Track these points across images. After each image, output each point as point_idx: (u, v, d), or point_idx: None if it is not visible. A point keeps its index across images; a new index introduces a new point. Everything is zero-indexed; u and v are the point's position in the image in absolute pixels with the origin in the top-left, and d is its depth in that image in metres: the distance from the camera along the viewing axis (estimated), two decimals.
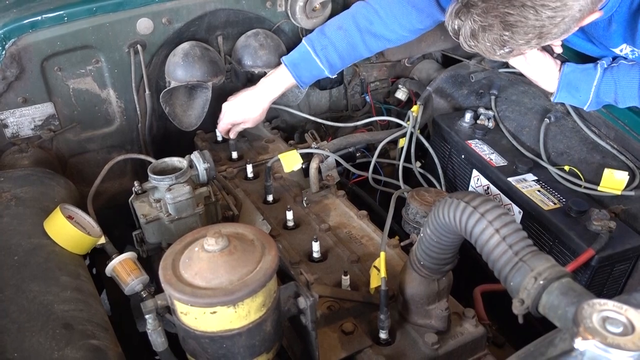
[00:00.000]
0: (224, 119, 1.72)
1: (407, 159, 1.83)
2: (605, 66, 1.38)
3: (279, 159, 1.58)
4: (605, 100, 1.41)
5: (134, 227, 1.41)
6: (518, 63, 1.51)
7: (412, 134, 1.80)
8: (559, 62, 1.45)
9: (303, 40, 1.61)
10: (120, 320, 1.40)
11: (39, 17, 1.55)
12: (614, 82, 1.37)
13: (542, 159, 1.60)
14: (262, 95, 1.65)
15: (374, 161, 1.81)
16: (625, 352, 0.57)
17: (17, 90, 1.61)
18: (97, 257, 1.58)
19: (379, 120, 2.12)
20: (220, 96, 1.81)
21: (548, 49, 1.46)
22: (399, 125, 1.86)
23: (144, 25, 1.69)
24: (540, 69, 1.46)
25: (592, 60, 1.44)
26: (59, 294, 1.08)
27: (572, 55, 1.57)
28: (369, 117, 2.11)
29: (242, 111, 1.67)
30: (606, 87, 1.38)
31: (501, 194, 1.55)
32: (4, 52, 1.53)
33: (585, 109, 1.45)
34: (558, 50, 1.47)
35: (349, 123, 1.98)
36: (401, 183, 1.76)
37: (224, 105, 1.72)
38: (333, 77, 1.66)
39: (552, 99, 1.48)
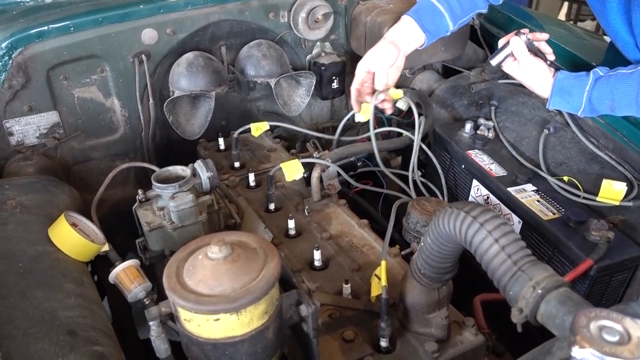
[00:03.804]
0: (357, 69, 1.63)
1: (406, 168, 1.84)
2: (601, 74, 1.40)
3: (280, 168, 1.59)
4: (600, 107, 1.42)
5: (136, 234, 1.42)
6: (512, 69, 1.53)
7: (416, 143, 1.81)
8: (552, 69, 1.48)
9: None
10: (122, 327, 1.41)
11: (46, 27, 1.58)
12: (610, 89, 1.38)
13: (541, 170, 1.61)
14: (390, 40, 1.58)
15: (380, 166, 1.82)
16: None
17: (23, 99, 1.63)
18: (99, 264, 1.60)
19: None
20: (223, 106, 1.83)
21: (542, 56, 1.48)
22: (400, 134, 1.87)
23: (149, 36, 1.71)
24: (534, 75, 1.49)
25: (588, 67, 1.46)
26: (63, 301, 1.09)
27: (565, 64, 1.59)
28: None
29: (374, 57, 1.59)
30: (600, 94, 1.39)
31: (501, 203, 1.57)
32: (10, 62, 1.55)
33: (579, 114, 1.46)
34: (551, 57, 1.50)
35: (348, 136, 1.96)
36: (412, 193, 1.77)
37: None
38: (454, 29, 1.63)
39: (547, 105, 1.50)
